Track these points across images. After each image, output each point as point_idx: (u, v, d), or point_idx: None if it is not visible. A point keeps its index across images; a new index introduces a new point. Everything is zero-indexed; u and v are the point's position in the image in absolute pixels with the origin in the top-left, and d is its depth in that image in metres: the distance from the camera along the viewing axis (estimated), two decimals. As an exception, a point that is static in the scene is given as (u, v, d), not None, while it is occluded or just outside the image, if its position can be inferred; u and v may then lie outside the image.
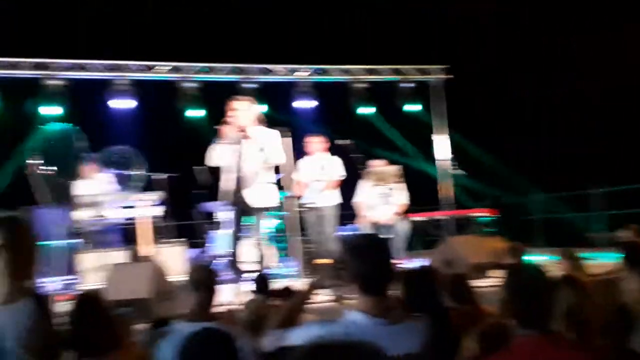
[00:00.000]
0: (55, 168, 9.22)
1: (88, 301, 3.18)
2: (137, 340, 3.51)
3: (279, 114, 9.95)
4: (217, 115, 8.07)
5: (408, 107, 11.60)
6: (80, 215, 8.20)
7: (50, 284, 8.07)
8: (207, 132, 9.67)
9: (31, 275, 2.78)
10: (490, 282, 6.88)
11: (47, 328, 2.69)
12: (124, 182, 8.97)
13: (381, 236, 7.27)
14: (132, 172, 9.07)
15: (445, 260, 7.08)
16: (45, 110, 9.92)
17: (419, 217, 8.72)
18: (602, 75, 11.38)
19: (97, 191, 8.39)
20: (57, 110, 9.94)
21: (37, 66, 9.85)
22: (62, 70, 9.92)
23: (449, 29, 11.43)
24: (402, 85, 11.50)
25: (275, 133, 6.83)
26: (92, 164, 8.99)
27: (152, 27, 10.92)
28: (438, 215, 9.22)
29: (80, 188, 8.71)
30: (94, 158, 9.18)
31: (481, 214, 9.13)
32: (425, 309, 2.92)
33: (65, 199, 8.90)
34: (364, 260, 2.52)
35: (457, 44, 11.46)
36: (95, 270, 7.50)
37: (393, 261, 2.72)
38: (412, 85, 11.51)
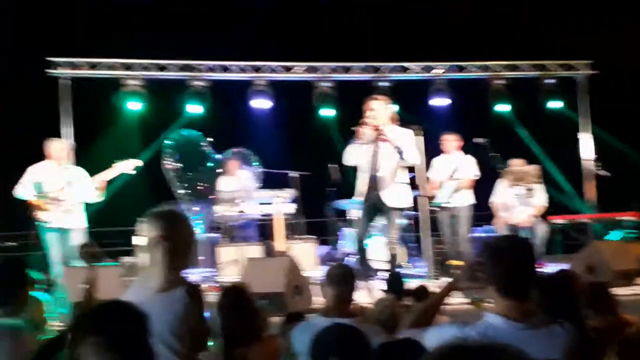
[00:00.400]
0: (182, 166, 9.71)
1: (236, 292, 3.30)
2: (273, 333, 3.60)
3: (413, 113, 9.85)
4: (349, 114, 8.15)
5: (550, 104, 11.07)
6: (221, 210, 8.54)
7: (192, 275, 8.49)
8: (339, 131, 9.80)
9: (186, 266, 2.95)
10: (636, 290, 6.47)
11: (198, 317, 2.83)
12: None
13: (523, 238, 7.04)
14: (271, 170, 9.36)
15: (588, 266, 6.73)
16: (190, 108, 10.40)
17: (559, 220, 8.32)
18: None
19: (238, 187, 8.70)
20: (199, 109, 10.41)
21: (184, 68, 10.38)
22: (206, 72, 10.38)
23: (590, 22, 10.80)
24: (544, 81, 10.99)
25: (409, 132, 6.79)
26: (235, 161, 9.33)
27: (289, 28, 11.16)
28: (580, 218, 8.75)
29: (222, 184, 9.08)
30: (236, 155, 9.53)
31: (627, 217, 8.56)
32: (562, 316, 2.79)
33: (197, 196, 9.36)
34: (506, 262, 2.45)
35: (601, 38, 10.78)
36: (233, 263, 7.80)
37: (535, 261, 2.62)
38: (554, 81, 10.99)
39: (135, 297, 2.82)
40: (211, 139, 9.88)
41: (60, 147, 7.36)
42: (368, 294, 6.57)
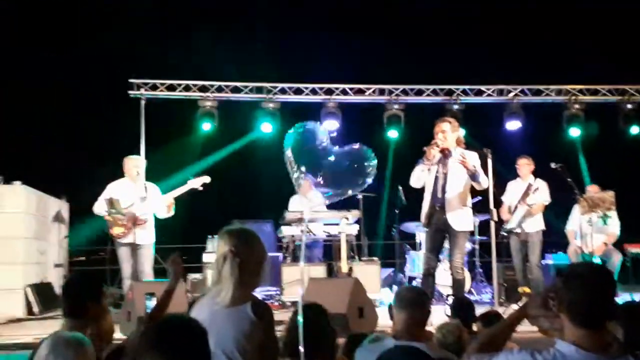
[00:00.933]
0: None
1: (315, 311, 3.30)
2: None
3: (483, 135, 9.70)
4: (418, 136, 8.09)
5: (630, 129, 10.68)
6: (289, 229, 8.59)
7: (257, 293, 8.55)
8: (405, 153, 9.74)
9: (255, 284, 2.98)
10: None
11: (265, 335, 2.84)
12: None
13: (604, 266, 6.79)
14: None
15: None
16: (263, 127, 10.50)
17: (635, 248, 7.99)
18: None
19: (309, 207, 8.71)
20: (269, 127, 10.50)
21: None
22: (279, 94, 10.54)
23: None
24: (623, 105, 10.62)
25: (474, 155, 6.68)
26: (307, 181, 9.31)
27: (361, 49, 11.23)
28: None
29: (294, 203, 9.12)
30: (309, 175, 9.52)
31: None
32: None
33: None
34: (584, 289, 2.37)
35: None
36: (297, 283, 7.82)
37: (615, 291, 2.51)
38: (631, 106, 10.60)
39: (202, 312, 2.87)
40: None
41: (135, 164, 7.60)
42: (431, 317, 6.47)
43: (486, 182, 6.71)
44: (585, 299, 2.35)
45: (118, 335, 5.14)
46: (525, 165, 8.56)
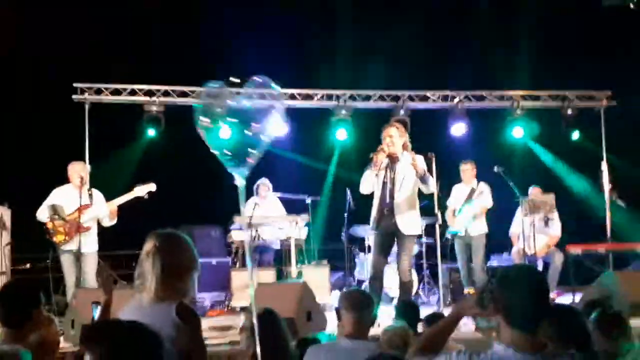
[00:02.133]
0: None
1: (267, 317, 3.30)
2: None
3: (427, 140, 9.88)
4: (365, 141, 8.18)
5: (570, 134, 11.04)
6: (238, 234, 8.56)
7: (205, 299, 8.51)
8: (354, 158, 9.83)
9: (180, 290, 2.91)
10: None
11: (192, 341, 2.80)
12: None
13: (537, 269, 6.98)
14: (286, 196, 9.36)
15: (603, 296, 6.64)
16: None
17: (576, 249, 8.23)
18: None
19: (263, 212, 8.69)
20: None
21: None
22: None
23: (609, 53, 10.81)
24: (563, 111, 10.98)
25: (420, 158, 6.80)
26: (264, 185, 9.24)
27: (311, 57, 11.26)
28: (597, 247, 8.64)
29: (250, 207, 9.07)
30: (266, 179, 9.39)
31: (645, 248, 8.45)
32: (576, 347, 2.76)
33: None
34: (517, 293, 2.43)
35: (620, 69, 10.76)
36: (246, 288, 7.81)
37: (549, 293, 2.60)
38: (571, 112, 10.95)
39: (129, 312, 2.84)
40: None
41: (79, 170, 7.46)
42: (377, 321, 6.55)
43: (434, 186, 6.83)
44: (519, 302, 2.41)
45: (62, 344, 5.05)
46: (468, 170, 8.76)
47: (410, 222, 6.76)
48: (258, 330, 2.97)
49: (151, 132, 10.19)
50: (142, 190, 7.51)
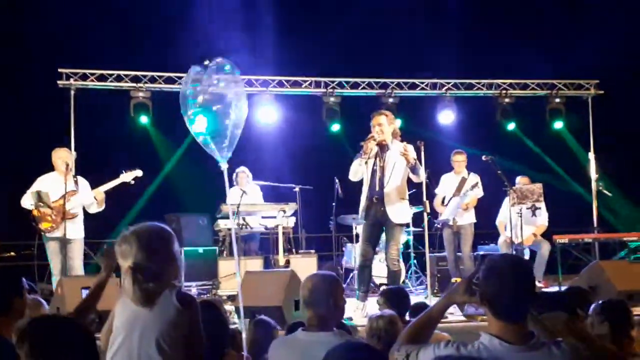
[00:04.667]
0: None
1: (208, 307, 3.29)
2: None
3: (417, 128, 9.87)
4: (355, 129, 8.16)
5: (556, 123, 11.08)
6: (225, 222, 8.51)
7: (192, 287, 8.47)
8: (345, 145, 9.81)
9: (169, 277, 2.88)
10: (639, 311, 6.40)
11: (192, 326, 2.80)
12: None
13: (523, 258, 6.99)
14: (274, 184, 9.31)
15: (591, 285, 6.66)
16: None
17: (563, 239, 8.27)
18: None
19: (246, 200, 8.64)
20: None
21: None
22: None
23: (598, 42, 10.82)
24: (550, 100, 11.01)
25: (410, 147, 6.77)
26: (244, 173, 9.19)
27: (298, 43, 11.21)
28: (584, 237, 8.68)
29: (232, 195, 9.02)
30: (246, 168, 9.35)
31: (632, 238, 8.50)
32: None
33: None
34: (502, 284, 2.41)
35: (609, 58, 10.78)
36: (232, 276, 7.79)
37: (534, 283, 2.58)
38: (559, 100, 10.99)
39: (126, 308, 2.81)
40: None
41: (64, 156, 7.36)
42: (364, 309, 6.55)
43: (423, 175, 6.81)
44: (505, 293, 2.39)
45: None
46: (460, 160, 8.75)
47: (399, 210, 6.74)
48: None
49: (144, 120, 10.11)
50: (128, 176, 7.43)
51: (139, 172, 7.51)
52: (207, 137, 4.04)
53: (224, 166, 4.10)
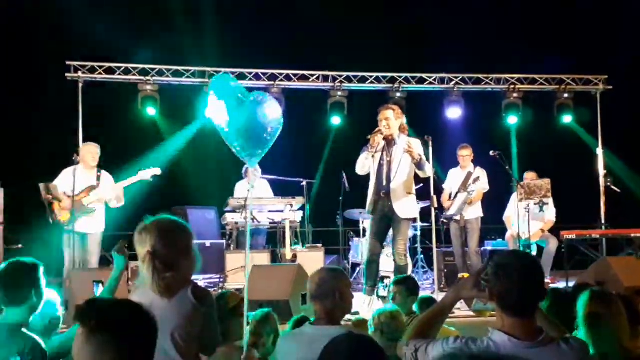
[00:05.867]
0: None
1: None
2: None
3: (425, 123, 9.84)
4: (362, 123, 8.15)
5: (564, 118, 11.04)
6: (232, 216, 8.53)
7: (199, 281, 8.49)
8: (352, 139, 9.80)
9: (188, 269, 2.89)
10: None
11: (207, 321, 2.84)
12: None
13: (532, 255, 6.97)
14: (281, 178, 9.30)
15: (598, 281, 6.65)
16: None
17: (571, 235, 8.25)
18: None
19: (254, 194, 8.65)
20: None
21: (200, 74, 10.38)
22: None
23: (608, 38, 10.77)
24: (559, 95, 10.96)
25: (418, 143, 6.76)
26: (253, 168, 9.20)
27: (305, 37, 11.19)
28: (592, 233, 8.66)
29: (240, 189, 9.04)
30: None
31: (639, 234, 8.47)
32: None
33: None
34: (511, 280, 2.41)
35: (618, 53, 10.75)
36: (240, 270, 7.82)
37: (544, 279, 2.58)
38: (567, 95, 10.94)
39: (143, 301, 2.83)
40: None
41: (94, 151, 7.49)
42: (371, 303, 6.56)
43: (430, 170, 6.77)
44: (514, 289, 2.39)
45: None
46: (465, 154, 8.73)
47: (406, 205, 6.73)
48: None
49: (151, 111, 10.13)
50: (147, 174, 7.53)
51: (157, 171, 7.59)
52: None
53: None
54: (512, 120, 10.96)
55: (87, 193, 7.30)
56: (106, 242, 7.49)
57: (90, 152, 7.50)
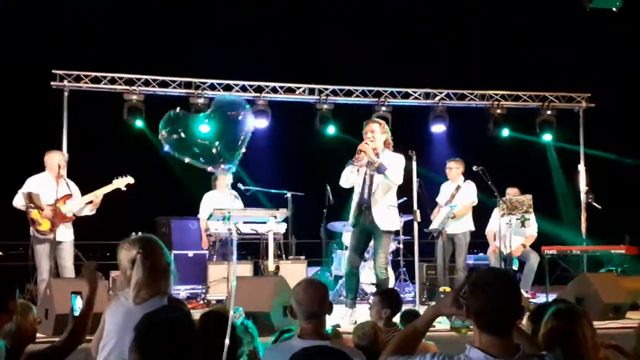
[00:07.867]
0: None
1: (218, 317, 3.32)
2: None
3: (410, 137, 9.90)
4: (347, 137, 8.18)
5: (544, 135, 11.16)
6: (215, 227, 8.50)
7: (180, 291, 8.47)
8: (337, 152, 9.83)
9: (164, 289, 3.05)
10: (625, 323, 6.46)
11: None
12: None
13: (510, 272, 6.99)
14: (264, 190, 9.29)
15: (577, 297, 6.72)
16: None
17: (551, 250, 8.31)
18: None
19: (227, 205, 8.62)
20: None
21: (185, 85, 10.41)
22: (208, 89, 10.42)
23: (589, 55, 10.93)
24: (542, 111, 11.09)
25: (400, 157, 6.79)
26: (224, 178, 9.18)
27: (292, 50, 11.25)
28: (572, 249, 8.74)
29: (210, 199, 8.98)
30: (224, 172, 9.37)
31: (619, 250, 8.57)
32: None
33: None
34: (488, 298, 2.40)
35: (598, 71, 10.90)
36: (222, 281, 7.80)
37: (521, 298, 2.59)
38: (550, 112, 11.06)
39: (117, 312, 2.85)
40: None
41: (58, 159, 7.38)
42: (351, 316, 6.56)
43: (397, 178, 6.70)
44: (491, 307, 2.39)
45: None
46: (454, 168, 8.76)
47: (387, 218, 6.75)
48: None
49: (139, 123, 10.08)
50: (121, 182, 7.46)
51: (130, 180, 7.52)
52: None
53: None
54: (497, 135, 11.05)
55: (64, 202, 7.24)
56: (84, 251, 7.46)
57: (55, 159, 7.34)
